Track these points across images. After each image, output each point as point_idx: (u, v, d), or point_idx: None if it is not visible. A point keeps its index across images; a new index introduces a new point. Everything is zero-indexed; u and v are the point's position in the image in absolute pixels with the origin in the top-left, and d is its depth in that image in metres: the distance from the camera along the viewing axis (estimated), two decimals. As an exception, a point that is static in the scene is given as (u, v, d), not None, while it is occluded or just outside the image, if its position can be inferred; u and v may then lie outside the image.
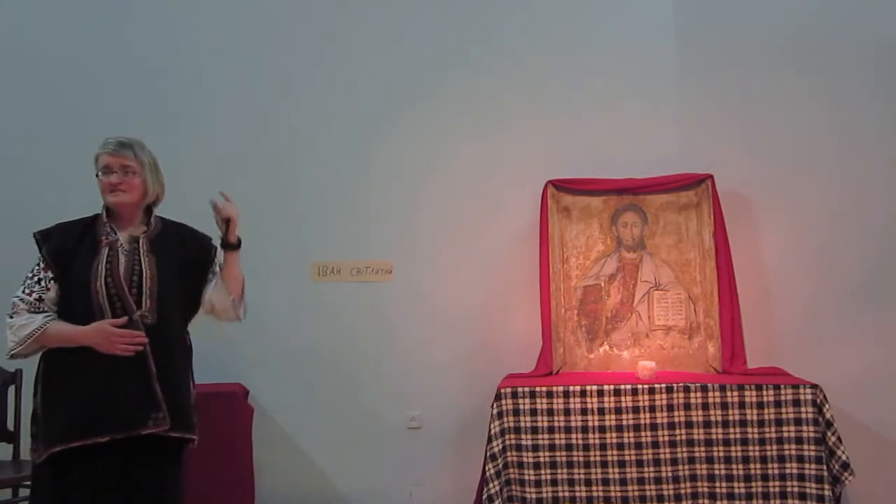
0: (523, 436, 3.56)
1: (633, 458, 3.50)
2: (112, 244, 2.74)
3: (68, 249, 2.73)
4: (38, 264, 2.75)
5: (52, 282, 2.72)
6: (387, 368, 4.23)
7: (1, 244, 4.01)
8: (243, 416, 3.98)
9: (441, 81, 4.27)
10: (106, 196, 2.77)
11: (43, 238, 2.77)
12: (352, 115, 4.31)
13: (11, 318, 2.69)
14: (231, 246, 2.90)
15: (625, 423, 3.52)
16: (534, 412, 3.56)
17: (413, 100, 4.28)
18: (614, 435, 3.51)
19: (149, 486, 2.71)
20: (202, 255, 2.91)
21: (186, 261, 2.85)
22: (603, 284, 4.10)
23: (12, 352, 2.70)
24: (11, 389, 3.80)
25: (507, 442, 3.57)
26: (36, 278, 2.72)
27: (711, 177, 4.00)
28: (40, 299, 2.71)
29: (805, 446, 3.44)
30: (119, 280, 2.69)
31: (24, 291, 2.71)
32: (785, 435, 3.46)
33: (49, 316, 2.69)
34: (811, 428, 3.44)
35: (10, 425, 3.78)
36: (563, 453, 3.53)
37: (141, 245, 2.78)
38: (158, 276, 2.74)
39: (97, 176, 2.78)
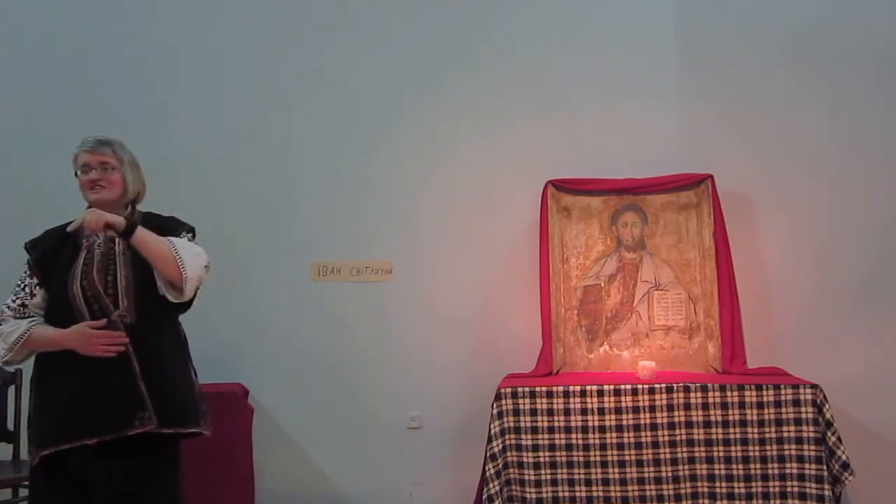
0: (523, 436, 3.56)
1: (633, 458, 3.50)
2: (90, 246, 2.75)
3: (50, 254, 2.75)
4: (26, 270, 2.78)
5: (37, 287, 2.74)
6: (387, 368, 4.23)
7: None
8: (243, 416, 3.98)
9: (441, 81, 4.27)
10: (86, 193, 2.78)
11: (32, 246, 2.81)
12: (352, 115, 4.31)
13: (0, 325, 2.71)
14: (125, 235, 2.68)
15: (625, 423, 3.52)
16: (534, 412, 3.56)
17: (413, 100, 4.28)
18: (614, 435, 3.51)
19: (141, 485, 2.69)
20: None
21: None
22: (603, 284, 4.10)
23: (4, 359, 2.72)
24: (11, 389, 3.81)
25: (507, 442, 3.57)
26: (22, 285, 2.76)
27: (711, 177, 4.00)
28: (24, 305, 2.73)
29: (805, 446, 3.44)
30: (94, 282, 2.69)
31: (10, 299, 2.75)
32: (785, 435, 3.46)
33: (34, 321, 2.71)
34: (811, 428, 3.44)
35: (10, 425, 3.79)
36: (563, 453, 3.53)
37: (117, 244, 2.76)
38: (135, 275, 2.72)
39: (76, 175, 2.79)
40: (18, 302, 2.73)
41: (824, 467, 3.42)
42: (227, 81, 4.35)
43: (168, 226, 2.87)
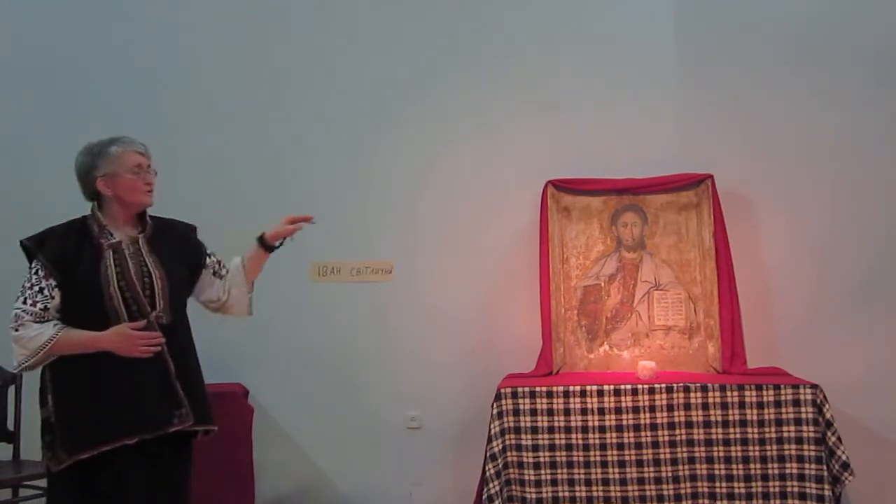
0: (523, 436, 3.56)
1: (633, 458, 3.50)
2: (115, 247, 2.72)
3: (69, 254, 2.67)
4: (37, 272, 2.66)
5: (55, 289, 2.65)
6: (387, 368, 4.23)
7: None
8: (243, 416, 3.97)
9: (441, 81, 4.27)
10: (141, 196, 2.77)
11: (36, 245, 2.68)
12: (351, 115, 4.30)
13: (17, 330, 2.61)
14: (272, 248, 3.08)
15: (625, 423, 3.52)
16: (534, 412, 3.56)
17: (413, 99, 4.28)
18: (614, 435, 3.51)
19: (170, 481, 2.74)
20: (194, 253, 2.93)
21: (182, 257, 2.87)
22: (603, 284, 4.10)
23: (24, 364, 2.63)
24: (11, 389, 3.81)
25: (507, 442, 3.57)
26: (37, 287, 2.64)
27: (711, 177, 4.00)
28: (45, 308, 2.64)
29: (805, 446, 3.44)
30: (133, 283, 2.68)
31: (26, 302, 2.63)
32: (785, 435, 3.46)
33: (58, 324, 2.64)
34: (811, 428, 3.44)
35: (11, 425, 3.78)
36: (563, 453, 3.53)
37: (142, 246, 2.77)
38: (167, 275, 2.75)
39: (98, 175, 2.72)
40: (40, 305, 2.63)
41: (824, 467, 3.42)
42: (226, 81, 4.35)
43: (187, 234, 2.94)
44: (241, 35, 4.36)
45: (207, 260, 2.96)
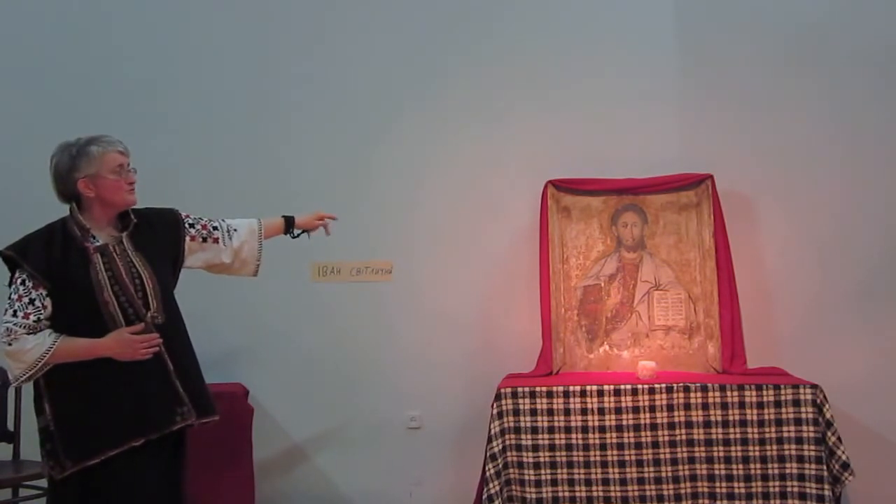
0: (523, 436, 3.56)
1: (633, 458, 3.50)
2: (103, 250, 2.68)
3: (57, 261, 2.62)
4: (25, 283, 2.60)
5: (46, 298, 2.60)
6: (387, 369, 4.23)
7: None
8: (243, 416, 3.97)
9: (441, 81, 4.27)
10: (126, 195, 2.73)
11: (20, 254, 2.61)
12: (351, 114, 4.30)
13: (11, 345, 2.57)
14: (291, 233, 3.32)
15: (625, 423, 3.52)
16: (534, 412, 3.56)
17: (412, 99, 4.28)
18: (614, 435, 3.51)
19: (170, 476, 2.75)
20: (173, 241, 2.88)
21: (165, 250, 2.84)
22: (603, 284, 4.10)
23: (21, 378, 2.60)
24: (11, 390, 3.80)
25: (507, 442, 3.57)
26: (27, 299, 2.59)
27: (711, 177, 3.99)
28: (39, 320, 2.59)
29: (805, 446, 3.45)
30: (126, 286, 2.66)
31: (17, 315, 2.57)
32: (785, 435, 3.46)
33: (54, 333, 2.60)
34: (811, 428, 3.44)
35: (10, 425, 3.78)
36: (563, 453, 3.53)
37: (126, 245, 2.73)
38: (155, 273, 2.73)
39: (80, 175, 2.66)
40: (33, 318, 2.57)
41: (824, 467, 3.42)
42: (225, 81, 4.34)
43: (164, 222, 2.90)
44: (238, 33, 4.35)
45: (190, 233, 2.91)
